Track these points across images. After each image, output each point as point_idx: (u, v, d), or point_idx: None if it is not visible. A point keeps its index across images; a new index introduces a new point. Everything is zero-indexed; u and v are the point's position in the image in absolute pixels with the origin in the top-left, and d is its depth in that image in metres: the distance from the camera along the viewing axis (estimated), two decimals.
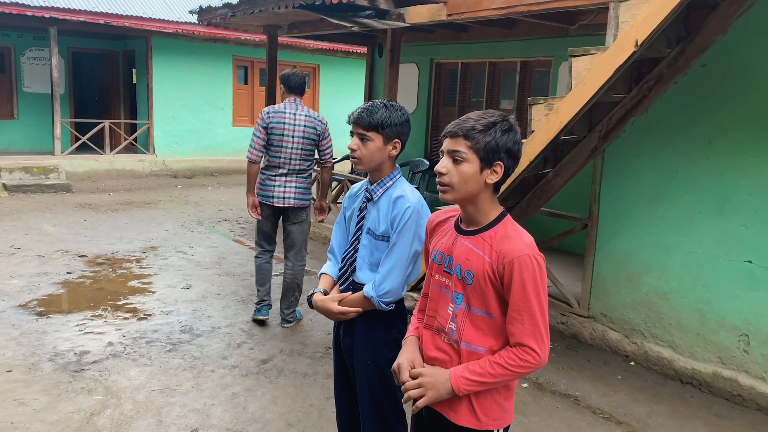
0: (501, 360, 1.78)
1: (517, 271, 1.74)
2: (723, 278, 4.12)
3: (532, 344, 1.75)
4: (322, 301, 2.43)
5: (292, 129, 4.72)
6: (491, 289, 1.80)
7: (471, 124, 1.79)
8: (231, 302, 5.58)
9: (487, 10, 5.37)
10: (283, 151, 4.74)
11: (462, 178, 1.79)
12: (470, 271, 1.82)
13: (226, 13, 7.74)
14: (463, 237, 1.87)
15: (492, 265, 1.78)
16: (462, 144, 1.78)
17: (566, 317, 5.06)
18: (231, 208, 10.41)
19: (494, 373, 1.77)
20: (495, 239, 1.80)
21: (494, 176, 1.80)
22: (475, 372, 1.79)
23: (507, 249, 1.77)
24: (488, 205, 1.85)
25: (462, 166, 1.79)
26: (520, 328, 1.75)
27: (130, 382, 3.95)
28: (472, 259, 1.82)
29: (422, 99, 9.04)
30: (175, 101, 14.13)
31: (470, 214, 1.87)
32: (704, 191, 4.19)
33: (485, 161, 1.78)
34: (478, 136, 1.77)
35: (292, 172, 4.79)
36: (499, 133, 1.78)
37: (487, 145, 1.77)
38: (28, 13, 11.29)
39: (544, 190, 4.89)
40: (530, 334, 1.75)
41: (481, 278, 1.80)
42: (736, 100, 4.03)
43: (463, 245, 1.86)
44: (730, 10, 3.93)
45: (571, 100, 3.83)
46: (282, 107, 4.78)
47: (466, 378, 1.80)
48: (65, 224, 8.42)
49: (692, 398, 4.12)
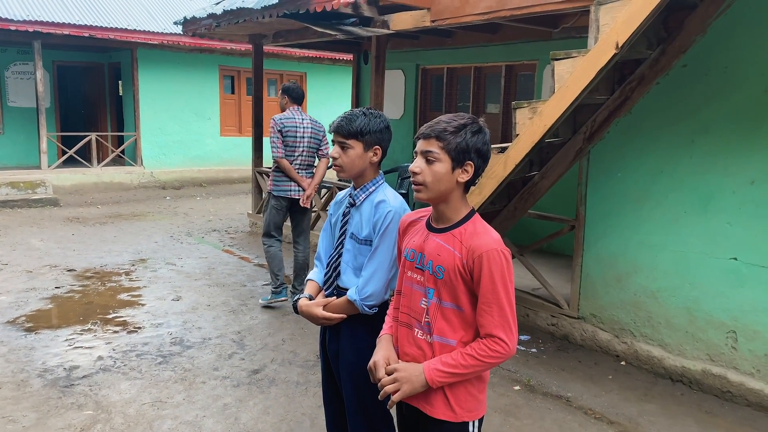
0: (472, 351, 1.85)
1: (486, 265, 1.82)
2: (710, 276, 4.16)
3: (501, 335, 1.84)
4: (307, 306, 2.44)
5: (302, 132, 5.52)
6: (461, 283, 1.88)
7: (443, 126, 1.89)
8: (221, 313, 5.56)
9: (471, 16, 5.41)
10: (296, 151, 5.53)
11: (435, 177, 1.88)
12: (441, 266, 1.90)
13: (211, 24, 7.74)
14: (434, 234, 1.96)
15: (462, 260, 1.86)
16: (434, 145, 1.88)
17: (556, 318, 5.08)
18: (220, 218, 10.39)
19: (466, 364, 1.85)
20: (464, 235, 1.89)
21: (465, 175, 1.90)
22: (448, 364, 1.87)
23: (476, 244, 1.86)
24: (459, 203, 1.94)
25: (435, 165, 1.88)
26: (490, 319, 1.84)
27: (121, 396, 3.93)
28: (443, 254, 1.90)
29: (409, 105, 9.08)
30: (162, 112, 14.10)
31: (442, 212, 1.95)
32: (689, 190, 4.23)
33: (456, 161, 1.88)
34: (449, 137, 1.87)
35: (302, 168, 5.59)
36: (470, 135, 1.88)
37: (458, 146, 1.87)
38: (11, 27, 11.24)
39: (531, 192, 4.92)
40: (499, 325, 1.84)
41: (451, 272, 1.88)
42: (717, 100, 4.08)
43: (434, 242, 1.94)
44: (709, 11, 3.99)
45: (554, 103, 3.86)
46: (290, 114, 5.54)
47: (439, 370, 1.87)
48: (53, 239, 8.36)
49: (683, 396, 4.14)
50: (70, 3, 12.94)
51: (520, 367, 4.52)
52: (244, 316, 5.47)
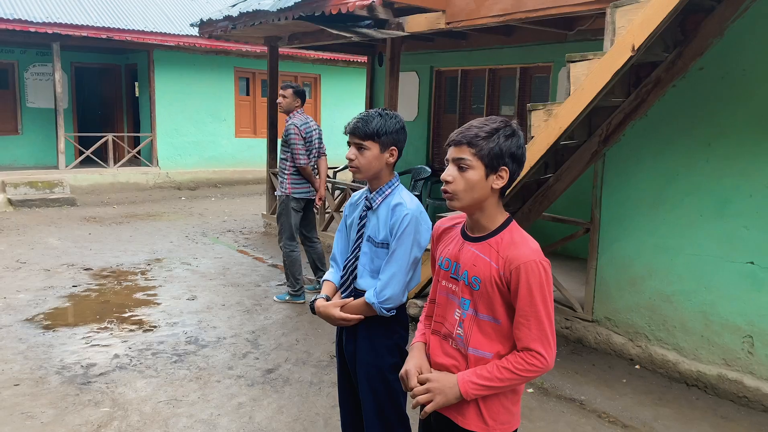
0: (508, 364, 1.79)
1: (524, 276, 1.76)
2: (726, 280, 4.13)
3: (539, 348, 1.77)
4: (325, 306, 2.45)
5: (315, 135, 5.81)
6: (498, 294, 1.82)
7: (474, 131, 1.82)
8: (236, 312, 5.61)
9: (486, 18, 5.41)
10: (311, 154, 5.77)
11: (468, 185, 1.81)
12: (477, 277, 1.84)
13: (227, 26, 7.80)
14: (470, 243, 1.89)
15: (499, 271, 1.80)
16: (466, 152, 1.81)
17: (570, 322, 5.06)
18: (235, 219, 10.45)
19: (502, 378, 1.79)
20: (501, 245, 1.83)
21: (500, 181, 1.83)
22: (483, 377, 1.81)
23: (514, 255, 1.79)
24: (495, 211, 1.87)
25: (467, 173, 1.81)
26: (527, 333, 1.77)
27: (137, 393, 3.97)
28: (479, 265, 1.84)
29: (423, 107, 9.08)
30: (178, 114, 14.21)
31: (477, 220, 1.88)
32: (705, 193, 4.21)
33: (490, 167, 1.81)
34: (481, 142, 1.80)
35: (313, 168, 5.85)
36: (503, 139, 1.81)
37: (491, 151, 1.80)
38: (31, 30, 11.39)
39: (545, 195, 4.91)
40: (537, 339, 1.77)
41: (488, 284, 1.82)
42: (734, 103, 4.05)
43: (469, 251, 1.88)
44: (726, 14, 3.96)
45: (570, 105, 3.85)
46: (305, 119, 5.72)
47: (474, 383, 1.81)
48: (70, 238, 8.47)
49: (698, 401, 4.11)
50: (88, 5, 13.10)
51: None
52: (258, 316, 5.51)
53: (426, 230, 2.36)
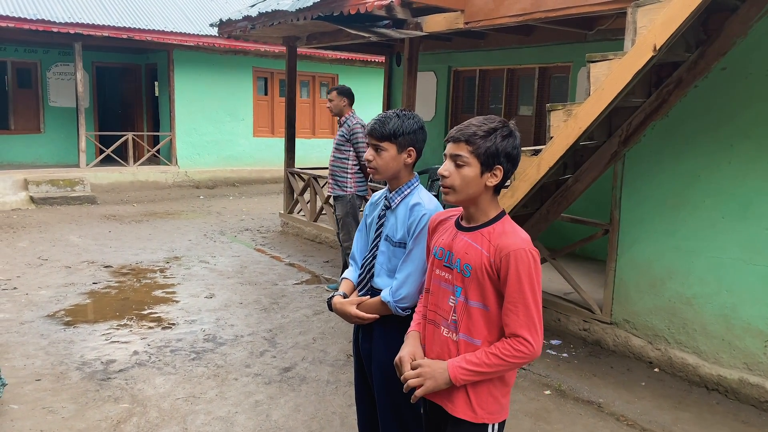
0: (496, 350, 1.86)
1: (513, 264, 1.82)
2: (748, 283, 4.07)
3: (526, 335, 1.83)
4: (341, 304, 2.47)
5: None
6: (488, 282, 1.88)
7: (473, 129, 1.90)
8: (253, 311, 5.64)
9: (505, 17, 5.39)
10: None
11: (464, 181, 1.89)
12: (469, 264, 1.90)
13: (246, 26, 7.85)
14: (463, 233, 1.97)
15: (489, 259, 1.87)
16: (464, 149, 1.89)
17: (589, 324, 5.02)
18: (252, 217, 10.51)
19: (490, 363, 1.86)
20: (493, 235, 1.90)
21: (494, 179, 1.90)
22: (472, 362, 1.88)
23: (504, 243, 1.86)
24: (488, 206, 1.94)
25: (463, 169, 1.89)
26: (515, 319, 1.84)
27: (156, 390, 4.01)
28: (470, 252, 1.91)
29: (440, 107, 9.06)
30: (197, 113, 14.33)
31: (471, 213, 1.96)
32: (727, 195, 4.15)
33: (485, 165, 1.88)
34: (479, 141, 1.88)
35: None
36: (499, 139, 1.88)
37: (487, 150, 1.87)
38: (53, 30, 11.55)
39: (564, 196, 4.87)
40: (524, 325, 1.83)
41: (479, 271, 1.88)
42: (757, 104, 3.99)
43: (462, 240, 1.96)
44: (751, 13, 3.91)
45: (589, 105, 3.82)
46: (358, 118, 5.95)
47: (463, 368, 1.88)
48: (91, 235, 8.57)
49: (718, 405, 4.06)
50: (109, 5, 13.26)
51: (551, 371, 4.49)
52: (275, 315, 5.54)
53: None
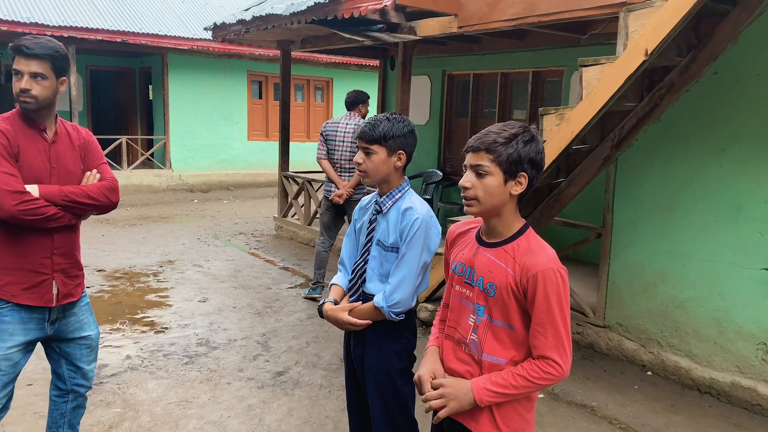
0: (524, 372, 1.79)
1: (541, 284, 1.74)
2: (739, 286, 4.09)
3: (555, 357, 1.76)
4: (333, 310, 2.46)
5: (342, 136, 5.89)
6: (514, 301, 1.81)
7: (492, 137, 1.80)
8: (247, 315, 5.63)
9: (498, 22, 5.40)
10: (335, 154, 5.94)
11: (487, 191, 1.79)
12: (493, 284, 1.82)
13: (240, 30, 7.85)
14: (485, 249, 1.88)
15: (515, 278, 1.79)
16: (485, 158, 1.79)
17: (582, 327, 5.03)
18: (246, 221, 10.50)
19: (517, 385, 1.79)
20: (518, 252, 1.81)
21: (519, 187, 1.81)
22: (498, 384, 1.80)
23: (531, 263, 1.77)
24: (512, 217, 1.86)
25: (486, 179, 1.79)
26: (544, 341, 1.77)
27: (148, 394, 4.00)
28: (494, 271, 1.83)
29: (435, 110, 9.08)
30: (191, 116, 14.31)
31: (494, 226, 1.87)
32: (719, 199, 4.17)
33: (509, 173, 1.79)
34: (500, 148, 1.78)
35: (344, 171, 5.95)
36: (521, 144, 1.79)
37: (509, 157, 1.78)
38: (47, 33, 11.51)
39: (557, 199, 4.89)
40: (553, 347, 1.76)
41: (504, 290, 1.81)
42: (749, 108, 4.01)
43: (485, 257, 1.87)
44: (741, 18, 3.94)
45: (582, 109, 3.84)
46: (335, 119, 5.99)
47: (489, 389, 1.80)
48: (83, 239, 8.47)
49: (711, 408, 4.07)
50: (103, 9, 13.23)
51: None
52: (269, 319, 5.53)
53: (435, 235, 2.37)
